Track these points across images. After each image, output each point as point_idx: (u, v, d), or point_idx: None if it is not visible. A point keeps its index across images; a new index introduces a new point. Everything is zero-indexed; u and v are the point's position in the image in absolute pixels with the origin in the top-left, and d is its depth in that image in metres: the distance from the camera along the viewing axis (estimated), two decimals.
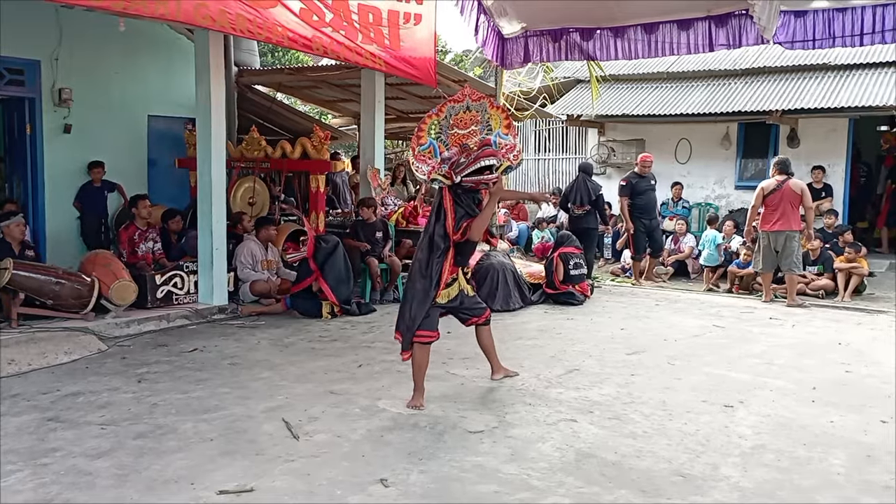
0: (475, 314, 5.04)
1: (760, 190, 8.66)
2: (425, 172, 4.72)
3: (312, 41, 6.65)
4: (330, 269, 7.52)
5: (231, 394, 4.93)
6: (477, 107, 4.85)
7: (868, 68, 11.43)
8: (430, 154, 4.75)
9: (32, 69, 8.92)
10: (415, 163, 4.74)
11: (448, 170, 4.67)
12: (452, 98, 4.85)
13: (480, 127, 4.86)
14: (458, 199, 4.69)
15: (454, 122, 4.79)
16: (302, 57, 16.70)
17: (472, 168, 4.60)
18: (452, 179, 4.66)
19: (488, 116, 4.88)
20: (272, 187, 9.57)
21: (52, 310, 6.57)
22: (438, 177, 4.70)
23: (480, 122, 4.86)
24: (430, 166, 4.71)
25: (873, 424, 4.47)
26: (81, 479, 3.55)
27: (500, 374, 5.26)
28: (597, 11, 7.80)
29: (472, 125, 4.83)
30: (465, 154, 4.67)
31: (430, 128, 4.75)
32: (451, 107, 4.80)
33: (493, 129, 4.89)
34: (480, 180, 4.64)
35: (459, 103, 4.82)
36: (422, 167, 4.72)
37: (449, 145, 4.77)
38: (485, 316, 5.07)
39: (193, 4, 5.81)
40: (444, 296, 4.77)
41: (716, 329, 7.26)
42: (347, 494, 3.42)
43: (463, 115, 4.81)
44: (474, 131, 4.84)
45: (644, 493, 3.47)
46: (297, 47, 6.81)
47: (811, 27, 6.76)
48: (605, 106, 12.76)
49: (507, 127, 4.94)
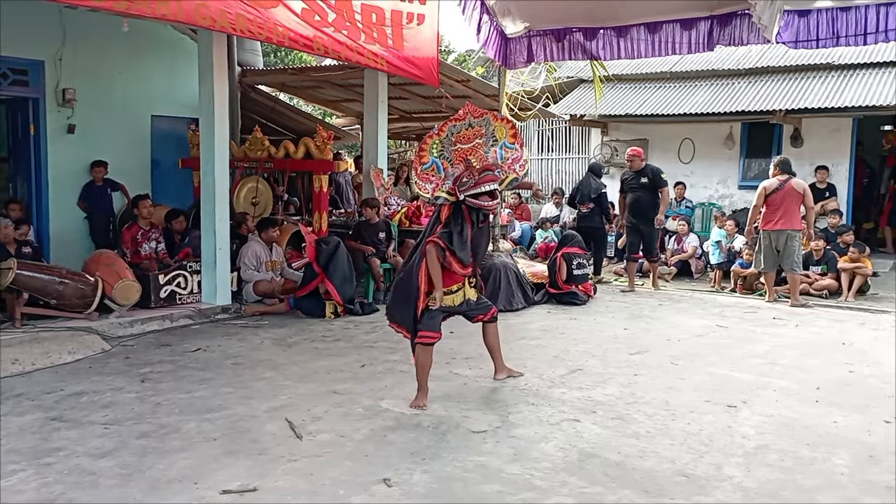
0: (481, 312, 5.07)
1: (762, 189, 8.64)
2: (429, 191, 4.77)
3: (313, 41, 6.65)
4: (334, 270, 7.52)
5: (234, 393, 4.93)
6: (479, 122, 4.88)
7: (872, 68, 11.40)
8: (433, 172, 4.80)
9: (36, 69, 8.94)
10: (418, 181, 4.80)
11: (452, 186, 4.72)
12: (454, 117, 4.89)
13: (485, 139, 4.88)
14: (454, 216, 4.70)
15: (457, 139, 4.84)
16: (305, 57, 16.69)
17: (473, 192, 4.63)
18: (457, 196, 4.70)
19: (493, 128, 4.91)
20: (275, 187, 9.58)
21: (56, 309, 6.58)
22: (442, 194, 4.76)
23: (485, 135, 4.88)
24: (433, 184, 4.77)
25: (876, 424, 4.46)
26: (85, 479, 3.56)
27: (504, 375, 5.27)
28: (600, 11, 7.78)
29: (476, 139, 4.86)
30: (469, 173, 4.70)
31: (431, 147, 4.81)
32: (453, 126, 4.84)
33: (499, 139, 4.92)
34: (481, 206, 4.66)
35: (461, 122, 4.85)
36: (426, 186, 4.78)
37: (453, 162, 4.81)
38: (491, 313, 5.10)
39: (194, 5, 5.82)
40: (448, 301, 4.79)
41: (719, 329, 7.25)
42: (350, 494, 3.42)
43: (465, 132, 4.85)
44: (479, 145, 4.87)
45: (647, 494, 3.46)
46: (297, 47, 6.81)
47: (815, 26, 6.74)
48: (609, 106, 12.75)
49: (513, 136, 4.97)
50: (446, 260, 4.69)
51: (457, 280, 4.83)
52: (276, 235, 8.30)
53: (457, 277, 4.81)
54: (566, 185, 15.08)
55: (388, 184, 9.83)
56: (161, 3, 5.66)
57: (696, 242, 10.79)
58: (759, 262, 8.80)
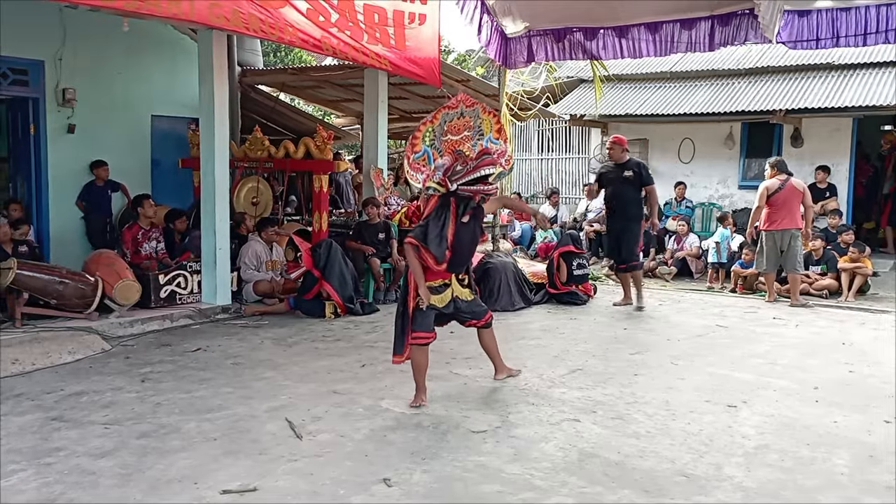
0: (475, 317, 4.99)
1: (765, 189, 8.63)
2: (420, 181, 4.71)
3: (322, 41, 6.66)
4: (331, 271, 7.53)
5: (234, 393, 4.93)
6: (470, 112, 4.84)
7: (872, 67, 11.39)
8: (424, 162, 4.74)
9: (36, 69, 8.94)
10: (410, 171, 4.74)
11: (442, 177, 4.61)
12: (447, 105, 4.84)
13: (472, 132, 4.83)
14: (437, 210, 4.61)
15: (448, 129, 4.78)
16: (305, 57, 16.71)
17: (472, 177, 4.55)
18: (447, 187, 4.59)
19: (480, 122, 4.85)
20: (275, 187, 9.58)
21: (56, 309, 6.58)
22: (433, 185, 4.65)
23: (473, 128, 4.83)
24: (424, 174, 4.71)
25: (877, 424, 4.46)
26: (85, 479, 3.56)
27: (503, 375, 5.25)
28: (600, 11, 7.79)
29: (465, 131, 4.81)
30: (460, 161, 4.61)
31: (424, 135, 4.76)
32: (446, 114, 4.80)
33: (485, 134, 4.86)
34: (479, 190, 4.59)
35: (454, 110, 4.81)
36: (417, 175, 4.72)
37: (442, 152, 4.75)
38: (484, 319, 5.01)
39: (207, 4, 5.81)
40: (435, 300, 4.69)
41: (719, 329, 7.25)
42: (350, 494, 3.42)
43: (457, 122, 4.80)
44: (467, 136, 4.81)
45: (647, 493, 3.46)
46: (307, 47, 6.82)
47: (815, 27, 6.74)
48: (609, 106, 12.75)
49: (498, 132, 4.90)
50: (421, 256, 4.59)
51: (441, 276, 4.71)
52: (275, 235, 8.30)
53: (441, 273, 4.69)
54: (566, 185, 15.10)
55: (388, 184, 9.82)
56: (173, 3, 5.64)
57: (697, 242, 10.79)
58: (760, 263, 8.79)
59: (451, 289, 4.81)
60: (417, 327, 4.68)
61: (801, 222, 8.56)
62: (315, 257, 7.58)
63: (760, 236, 8.68)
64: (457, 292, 4.85)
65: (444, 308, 4.78)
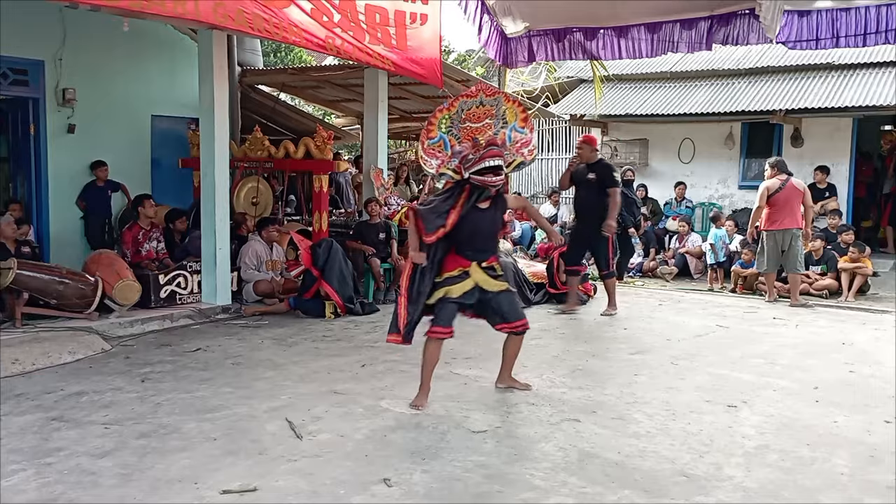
0: (505, 321, 4.76)
1: (765, 189, 8.63)
2: (434, 166, 4.66)
3: (326, 41, 6.66)
4: (330, 270, 7.52)
5: (234, 393, 4.93)
6: (491, 101, 4.76)
7: (872, 68, 11.40)
8: (440, 148, 4.68)
9: (36, 69, 8.94)
10: (424, 156, 4.67)
11: (458, 164, 4.63)
12: (465, 93, 4.77)
13: (495, 121, 4.77)
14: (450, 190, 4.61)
15: (466, 117, 4.71)
16: (305, 57, 16.71)
17: (477, 167, 4.53)
18: (462, 174, 4.61)
19: (504, 109, 4.79)
20: (275, 187, 9.58)
21: (56, 309, 6.58)
22: (448, 171, 4.65)
23: (496, 116, 4.77)
24: (439, 160, 4.66)
25: (877, 425, 4.46)
26: (85, 479, 3.56)
27: (505, 385, 5.06)
28: (600, 11, 7.80)
29: (486, 118, 4.75)
30: (475, 150, 4.60)
31: (440, 122, 4.68)
32: (464, 101, 4.71)
33: (509, 122, 4.81)
34: (486, 181, 4.54)
35: (472, 98, 4.73)
36: (431, 161, 4.66)
37: (461, 139, 4.70)
38: (516, 325, 4.77)
39: (212, 4, 5.80)
40: (457, 290, 4.61)
41: (719, 329, 7.25)
42: (351, 494, 3.42)
43: (476, 110, 4.73)
44: (488, 125, 4.75)
45: (647, 494, 3.46)
46: (312, 48, 6.81)
47: (815, 27, 6.74)
48: (609, 106, 12.75)
49: (524, 121, 4.85)
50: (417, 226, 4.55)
51: (460, 263, 4.65)
52: (275, 235, 8.30)
53: (460, 261, 4.65)
54: None
55: (388, 184, 9.83)
56: (178, 3, 5.63)
57: (700, 241, 10.79)
58: (761, 263, 8.78)
59: (472, 278, 4.67)
60: (438, 321, 4.60)
61: (802, 222, 8.57)
62: (314, 256, 7.58)
63: (761, 236, 8.68)
64: (481, 282, 4.68)
65: (463, 298, 4.64)
